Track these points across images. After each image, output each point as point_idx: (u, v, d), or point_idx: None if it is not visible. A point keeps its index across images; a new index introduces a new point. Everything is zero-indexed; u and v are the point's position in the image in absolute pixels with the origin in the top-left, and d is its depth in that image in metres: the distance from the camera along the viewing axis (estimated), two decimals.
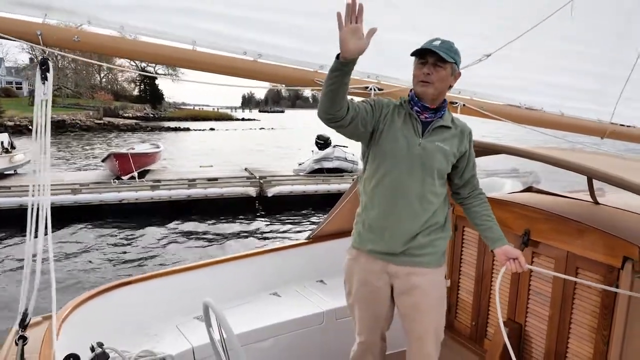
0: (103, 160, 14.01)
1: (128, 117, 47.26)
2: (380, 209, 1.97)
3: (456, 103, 2.84)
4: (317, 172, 13.92)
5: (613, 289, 1.93)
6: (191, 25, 2.29)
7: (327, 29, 2.35)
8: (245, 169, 15.28)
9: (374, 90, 2.59)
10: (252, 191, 12.04)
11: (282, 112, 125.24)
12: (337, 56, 1.63)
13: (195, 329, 2.54)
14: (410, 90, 1.99)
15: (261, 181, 12.49)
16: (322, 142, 14.87)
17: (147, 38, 2.24)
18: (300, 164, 14.99)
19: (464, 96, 2.92)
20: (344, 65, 1.62)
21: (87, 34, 2.09)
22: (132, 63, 46.60)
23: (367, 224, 2.03)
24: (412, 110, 1.95)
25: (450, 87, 1.95)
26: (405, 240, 1.97)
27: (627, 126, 3.41)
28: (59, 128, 34.32)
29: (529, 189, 3.20)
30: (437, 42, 1.86)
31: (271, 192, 12.06)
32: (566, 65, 3.13)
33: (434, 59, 1.84)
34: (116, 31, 2.16)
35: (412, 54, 1.88)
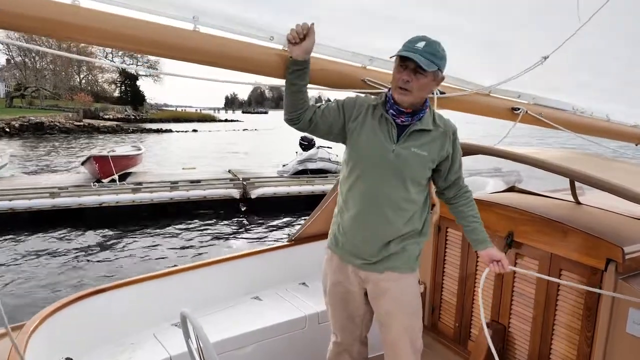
0: (83, 163, 13.76)
1: (109, 119, 46.61)
2: (352, 213, 1.91)
3: (518, 109, 2.62)
4: (301, 173, 13.89)
5: (596, 290, 1.92)
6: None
7: (378, 16, 2.09)
8: (229, 171, 15.16)
9: (436, 93, 2.25)
10: (235, 193, 11.95)
11: (266, 113, 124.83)
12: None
13: (173, 337, 2.46)
14: (388, 90, 1.89)
15: (244, 183, 12.39)
16: (306, 144, 14.83)
17: (119, 9, 1.49)
18: (284, 165, 14.92)
19: (522, 100, 2.67)
20: (294, 64, 1.76)
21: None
22: (113, 61, 46.05)
23: (342, 228, 1.99)
24: (387, 114, 1.84)
25: (432, 92, 1.87)
26: (378, 248, 1.89)
27: None
28: (37, 130, 33.72)
29: (511, 189, 3.21)
30: (421, 44, 1.70)
31: (255, 193, 11.97)
32: (614, 67, 2.91)
33: (415, 64, 1.71)
34: None
35: (393, 56, 1.77)
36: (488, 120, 2.68)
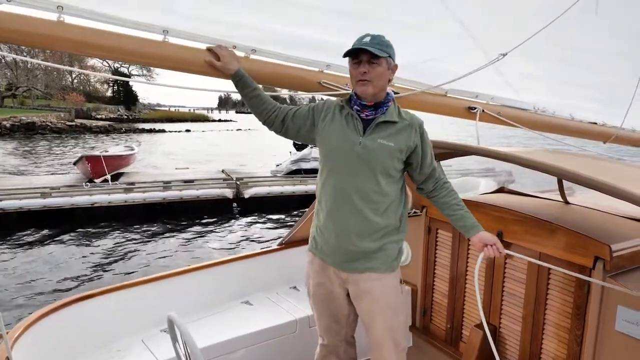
0: (75, 163, 13.66)
1: (101, 119, 46.34)
2: (326, 211, 1.94)
3: (475, 109, 2.69)
4: (295, 173, 13.86)
5: (586, 277, 1.92)
6: (164, 6, 1.79)
7: (336, 20, 2.19)
8: (222, 171, 15.10)
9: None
10: (228, 193, 11.90)
11: None
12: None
13: (161, 343, 2.43)
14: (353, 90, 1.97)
15: (238, 183, 12.34)
16: (300, 143, 14.80)
17: (99, 25, 1.70)
18: (277, 165, 14.89)
19: (480, 100, 2.74)
20: (230, 78, 1.98)
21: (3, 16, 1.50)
22: (105, 64, 45.74)
23: (319, 229, 2.01)
24: (352, 110, 1.92)
25: (390, 80, 1.92)
26: (353, 243, 1.90)
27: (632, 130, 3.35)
28: (29, 130, 33.43)
29: (500, 190, 3.21)
30: (368, 39, 1.83)
31: (248, 193, 11.93)
32: (577, 66, 2.93)
33: (368, 56, 1.82)
34: (52, 13, 1.59)
35: (345, 55, 1.85)
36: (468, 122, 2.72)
